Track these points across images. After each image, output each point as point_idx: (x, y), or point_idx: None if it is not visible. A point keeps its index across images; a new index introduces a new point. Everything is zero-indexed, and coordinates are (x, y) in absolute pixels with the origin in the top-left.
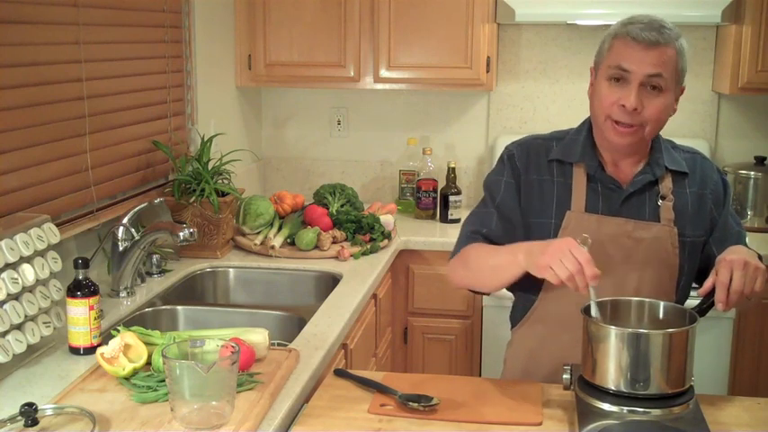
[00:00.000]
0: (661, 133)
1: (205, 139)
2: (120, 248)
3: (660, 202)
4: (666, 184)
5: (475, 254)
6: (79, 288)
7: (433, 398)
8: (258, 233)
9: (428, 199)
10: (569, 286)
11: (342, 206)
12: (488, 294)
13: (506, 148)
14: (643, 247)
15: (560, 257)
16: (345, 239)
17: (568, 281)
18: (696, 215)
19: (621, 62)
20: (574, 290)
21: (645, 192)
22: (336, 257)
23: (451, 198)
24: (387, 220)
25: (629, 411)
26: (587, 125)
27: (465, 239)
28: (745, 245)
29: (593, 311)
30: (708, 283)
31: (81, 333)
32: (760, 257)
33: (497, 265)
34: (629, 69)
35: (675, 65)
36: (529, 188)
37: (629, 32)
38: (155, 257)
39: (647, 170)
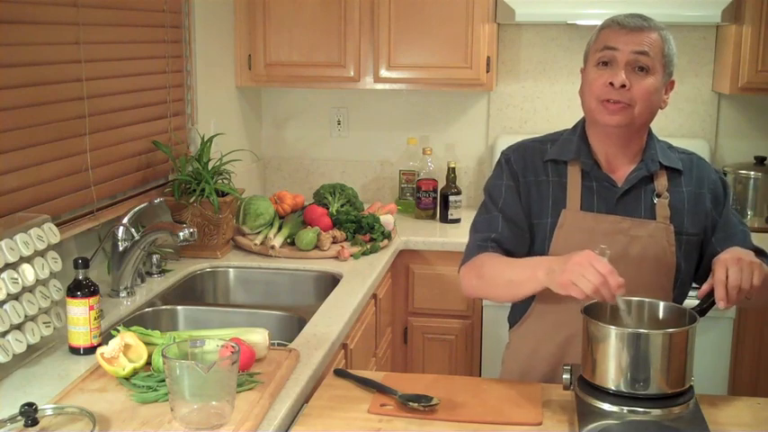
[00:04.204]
0: (660, 134)
1: (205, 139)
2: (120, 248)
3: (656, 199)
4: (662, 182)
5: (489, 265)
6: (79, 288)
7: (432, 398)
8: (258, 233)
9: (428, 199)
10: (596, 298)
11: (342, 206)
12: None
13: (503, 152)
14: (639, 245)
15: (582, 272)
16: (345, 239)
17: (594, 294)
18: (692, 213)
19: (607, 42)
20: (602, 301)
21: (640, 189)
22: (336, 257)
23: (451, 198)
24: (387, 220)
25: (629, 411)
26: (581, 125)
27: (476, 248)
28: (751, 243)
29: (625, 321)
30: (706, 285)
31: (81, 333)
32: (763, 253)
33: (515, 279)
34: (615, 47)
35: (661, 48)
36: (527, 190)
37: (614, 20)
38: (155, 257)
39: (642, 166)
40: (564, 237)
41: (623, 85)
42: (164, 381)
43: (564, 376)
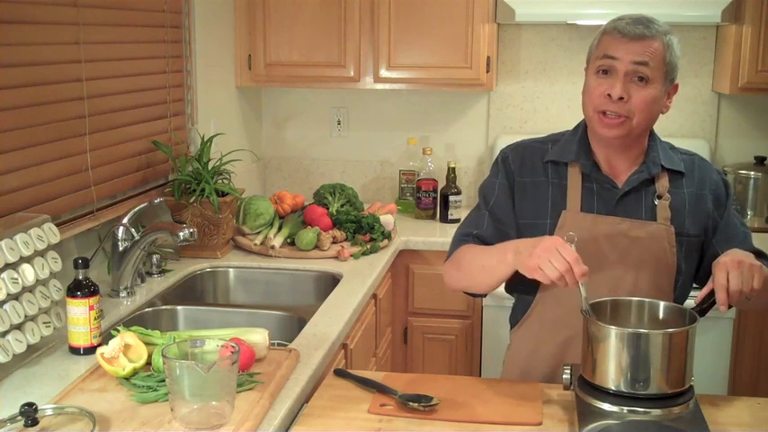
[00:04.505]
0: (661, 134)
1: (205, 139)
2: (120, 248)
3: (656, 200)
4: (663, 183)
5: (468, 255)
6: (79, 288)
7: (432, 398)
8: (258, 233)
9: (428, 199)
10: (560, 285)
11: (342, 206)
12: (483, 296)
13: (501, 150)
14: (639, 246)
15: (548, 257)
16: (345, 239)
17: (558, 280)
18: (693, 214)
19: (607, 50)
20: (563, 287)
21: (641, 191)
22: (336, 257)
23: (451, 198)
24: (387, 220)
25: (629, 411)
26: (582, 126)
27: (457, 242)
28: (751, 245)
29: (584, 307)
30: (705, 289)
31: (81, 333)
32: (762, 255)
33: (487, 264)
34: (615, 56)
35: (662, 57)
36: (522, 190)
37: (616, 27)
38: (155, 257)
39: (643, 168)
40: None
41: (621, 98)
42: (164, 381)
43: (564, 376)
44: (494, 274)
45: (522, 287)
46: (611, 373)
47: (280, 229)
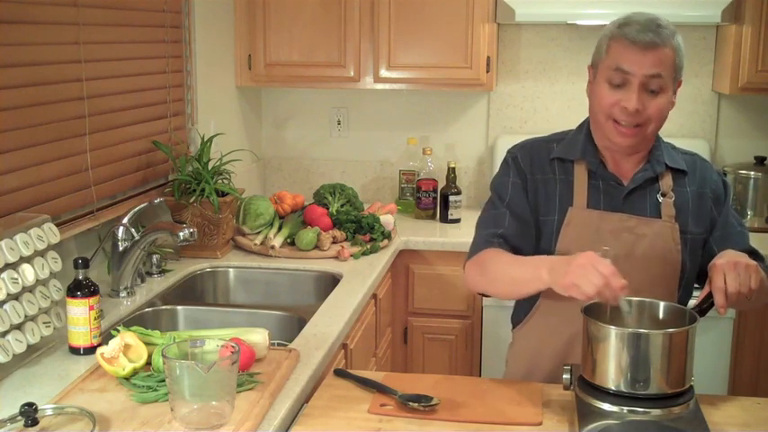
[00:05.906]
0: (661, 135)
1: (205, 139)
2: (120, 248)
3: (661, 198)
4: (667, 182)
5: (494, 261)
6: (79, 288)
7: (432, 398)
8: (258, 233)
9: (428, 199)
10: (599, 300)
11: (342, 206)
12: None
13: (509, 150)
14: (645, 243)
15: (584, 273)
16: (345, 239)
17: (597, 296)
18: (696, 212)
19: (620, 64)
20: (604, 302)
21: (645, 189)
22: (336, 257)
23: (451, 198)
24: (387, 220)
25: (629, 411)
26: (587, 124)
27: (482, 242)
28: (748, 245)
29: (626, 321)
30: (703, 292)
31: (81, 333)
32: (758, 255)
33: (519, 278)
34: (628, 71)
35: (673, 64)
36: (534, 188)
37: (625, 35)
38: (155, 257)
39: (648, 167)
40: (570, 234)
41: (637, 110)
42: (164, 381)
43: (564, 376)
44: (524, 288)
45: None
46: (611, 373)
47: (280, 229)
